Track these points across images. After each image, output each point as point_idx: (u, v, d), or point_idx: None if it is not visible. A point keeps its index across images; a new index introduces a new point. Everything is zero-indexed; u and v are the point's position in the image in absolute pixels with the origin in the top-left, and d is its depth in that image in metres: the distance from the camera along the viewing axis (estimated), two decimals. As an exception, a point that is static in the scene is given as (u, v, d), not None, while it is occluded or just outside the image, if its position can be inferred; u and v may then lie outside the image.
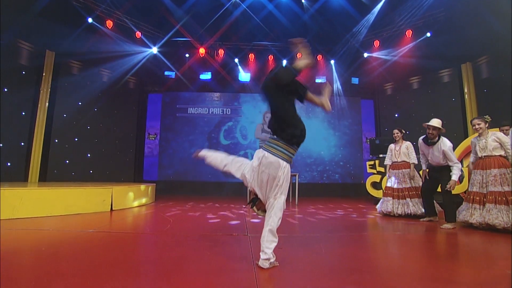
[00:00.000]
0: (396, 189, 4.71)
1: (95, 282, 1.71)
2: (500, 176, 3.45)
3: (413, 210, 4.43)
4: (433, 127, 3.86)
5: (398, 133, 4.86)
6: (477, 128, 3.64)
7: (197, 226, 3.63)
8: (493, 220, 3.31)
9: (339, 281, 1.81)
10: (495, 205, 3.39)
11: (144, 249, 2.65)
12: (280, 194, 1.94)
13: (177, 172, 9.22)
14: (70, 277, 1.81)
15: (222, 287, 1.68)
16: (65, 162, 7.34)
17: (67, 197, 4.29)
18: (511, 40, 6.21)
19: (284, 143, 1.98)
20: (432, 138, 3.88)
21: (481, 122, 3.64)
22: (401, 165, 4.77)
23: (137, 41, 8.40)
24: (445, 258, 2.44)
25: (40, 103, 6.76)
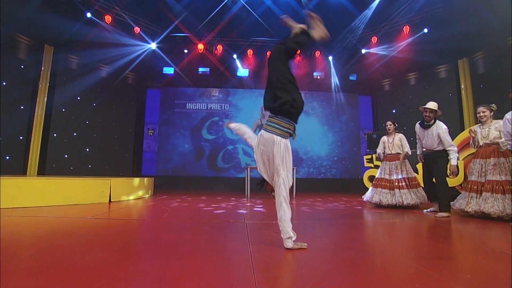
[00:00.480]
0: (389, 180, 4.77)
1: (91, 261, 1.75)
2: (498, 165, 3.49)
3: (399, 201, 4.48)
4: (430, 110, 3.93)
5: (391, 125, 4.93)
6: (481, 116, 3.66)
7: (194, 215, 3.67)
8: (488, 208, 3.35)
9: (331, 258, 1.86)
10: (491, 193, 3.42)
11: (142, 232, 2.69)
12: (281, 170, 1.88)
13: (176, 167, 9.25)
14: (69, 255, 1.85)
15: (218, 266, 1.72)
16: (64, 156, 7.36)
17: (66, 188, 4.32)
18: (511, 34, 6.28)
19: (278, 118, 1.95)
20: (428, 120, 3.95)
21: (486, 110, 3.66)
22: (394, 156, 4.83)
23: (135, 37, 8.41)
24: (435, 240, 2.48)
25: (39, 97, 6.77)
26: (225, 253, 1.87)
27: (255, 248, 1.95)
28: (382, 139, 5.10)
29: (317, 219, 3.54)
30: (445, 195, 3.80)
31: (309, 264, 1.68)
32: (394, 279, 1.49)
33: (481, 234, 2.73)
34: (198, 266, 1.60)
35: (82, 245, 2.05)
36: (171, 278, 1.43)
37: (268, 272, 1.55)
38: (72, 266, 1.58)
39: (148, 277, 1.48)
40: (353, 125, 9.83)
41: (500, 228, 2.88)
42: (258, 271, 1.52)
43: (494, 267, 1.70)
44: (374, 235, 2.80)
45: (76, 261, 1.67)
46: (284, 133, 1.94)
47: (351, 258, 1.83)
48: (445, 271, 1.61)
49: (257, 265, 1.63)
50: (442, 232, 2.83)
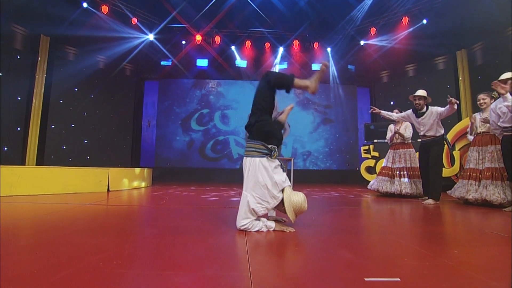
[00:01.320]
0: (391, 169, 4.80)
1: (90, 239, 1.79)
2: (496, 153, 3.50)
3: (397, 189, 4.52)
4: (419, 97, 3.97)
5: (398, 113, 4.90)
6: (482, 103, 3.67)
7: (192, 202, 3.71)
8: (490, 196, 3.34)
9: (324, 238, 1.90)
10: (492, 181, 3.43)
11: (139, 217, 2.73)
12: (244, 189, 1.96)
13: (175, 158, 9.28)
14: (67, 234, 1.89)
15: (211, 246, 1.76)
16: (62, 147, 7.36)
17: (64, 177, 4.35)
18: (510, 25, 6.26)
19: (247, 140, 2.05)
20: (420, 108, 3.99)
21: (487, 97, 3.66)
22: (399, 145, 4.85)
23: (133, 27, 8.33)
24: (428, 223, 2.53)
25: (36, 88, 6.74)
26: (218, 236, 1.91)
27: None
28: (389, 127, 5.10)
29: (313, 207, 3.59)
30: (437, 184, 3.83)
31: (302, 242, 1.73)
32: (385, 254, 1.54)
33: (477, 218, 2.78)
34: (191, 244, 1.65)
35: (80, 227, 2.09)
36: (167, 253, 1.47)
37: (259, 249, 1.59)
38: (69, 243, 1.62)
39: (146, 253, 1.52)
40: (351, 116, 9.85)
41: (500, 214, 2.93)
42: (251, 247, 1.56)
43: (484, 245, 1.75)
44: (369, 220, 2.85)
45: (73, 239, 1.71)
46: (251, 153, 1.98)
47: (344, 238, 1.88)
48: (434, 248, 1.66)
49: (250, 240, 1.67)
50: (437, 217, 2.88)
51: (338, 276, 1.18)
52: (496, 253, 1.57)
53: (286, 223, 2.08)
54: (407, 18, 8.21)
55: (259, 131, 1.99)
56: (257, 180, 1.91)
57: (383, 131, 5.81)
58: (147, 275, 1.17)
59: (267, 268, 1.30)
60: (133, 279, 1.12)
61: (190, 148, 9.39)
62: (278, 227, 1.93)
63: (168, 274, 1.17)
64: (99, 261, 1.31)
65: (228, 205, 3.35)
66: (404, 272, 1.23)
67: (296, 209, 1.89)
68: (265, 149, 1.96)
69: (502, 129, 3.30)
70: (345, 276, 1.19)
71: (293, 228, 1.94)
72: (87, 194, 4.22)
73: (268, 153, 1.97)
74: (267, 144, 1.97)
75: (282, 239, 1.77)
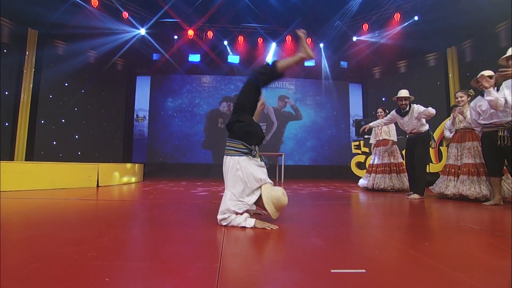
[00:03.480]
0: (376, 165, 4.90)
1: (69, 234, 1.80)
2: (473, 149, 3.63)
3: (389, 185, 4.61)
4: (404, 98, 4.07)
5: (382, 112, 5.00)
6: (459, 101, 3.77)
7: (179, 197, 3.73)
8: (466, 191, 3.50)
9: (301, 232, 1.94)
10: (468, 176, 3.57)
11: (123, 211, 2.74)
12: (226, 188, 1.96)
13: (166, 154, 9.26)
14: (56, 228, 1.90)
15: (187, 239, 1.79)
16: (53, 143, 7.30)
17: (52, 172, 4.33)
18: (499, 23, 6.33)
19: (227, 139, 2.05)
20: (404, 108, 4.07)
21: (464, 95, 3.78)
22: (381, 142, 4.95)
23: (124, 22, 8.22)
24: (405, 217, 2.59)
25: (24, 82, 6.64)
26: (198, 228, 1.94)
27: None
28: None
29: (300, 201, 3.64)
30: (422, 178, 3.93)
31: (278, 235, 1.76)
32: (358, 247, 1.58)
33: (454, 212, 2.85)
34: (168, 237, 1.67)
35: (62, 221, 2.10)
36: (141, 245, 1.49)
37: (235, 242, 1.62)
38: (47, 237, 1.63)
39: (121, 245, 1.54)
40: (343, 112, 9.91)
41: (476, 208, 3.01)
42: (228, 240, 1.59)
43: (454, 237, 1.81)
44: (350, 214, 2.90)
45: (53, 233, 1.72)
46: (231, 151, 1.98)
47: (320, 232, 1.92)
48: (407, 241, 1.71)
49: (228, 234, 1.70)
50: (417, 211, 2.94)
51: (305, 267, 1.22)
52: (464, 244, 1.63)
53: (265, 217, 2.11)
54: (399, 14, 8.24)
55: (239, 131, 1.99)
56: (237, 177, 1.91)
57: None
58: (116, 265, 1.19)
59: (238, 259, 1.33)
60: (102, 269, 1.14)
61: (183, 144, 9.37)
62: (260, 225, 1.88)
63: (138, 264, 1.20)
64: (74, 253, 1.34)
65: (214, 200, 3.37)
66: (372, 264, 1.27)
67: (275, 203, 1.92)
68: (245, 148, 1.97)
69: (482, 126, 3.39)
70: (312, 267, 1.22)
71: (275, 226, 1.90)
72: (75, 190, 4.21)
73: (248, 152, 1.97)
74: (247, 144, 1.97)
75: (259, 233, 1.80)
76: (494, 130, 3.24)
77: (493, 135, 3.24)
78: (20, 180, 4.01)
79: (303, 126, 9.75)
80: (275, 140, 9.62)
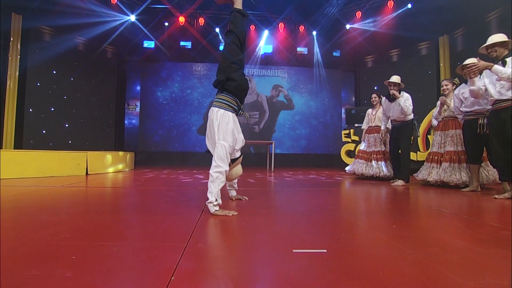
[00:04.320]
0: (368, 152, 4.94)
1: (47, 218, 1.82)
2: (456, 137, 3.71)
3: (376, 172, 4.68)
4: (394, 83, 4.12)
5: (376, 97, 4.98)
6: (445, 89, 3.82)
7: (166, 184, 3.76)
8: (447, 177, 3.60)
9: (275, 217, 1.99)
10: (450, 163, 3.67)
11: (105, 197, 2.77)
12: (216, 137, 1.91)
13: (158, 143, 9.25)
14: (27, 213, 1.92)
15: (161, 222, 1.82)
16: (42, 132, 7.23)
17: (40, 160, 4.32)
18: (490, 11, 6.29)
19: (219, 93, 2.07)
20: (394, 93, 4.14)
21: (449, 83, 3.83)
22: (374, 129, 4.95)
23: (113, 8, 8.02)
24: (383, 202, 2.67)
25: (10, 70, 6.50)
26: (174, 212, 1.98)
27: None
28: (367, 112, 5.18)
29: (291, 186, 3.70)
30: (406, 165, 4.04)
31: (252, 220, 1.81)
32: (326, 229, 1.64)
33: (433, 198, 2.93)
34: (143, 220, 1.71)
35: (43, 206, 2.13)
36: (114, 227, 1.53)
37: (208, 225, 1.67)
38: (24, 220, 1.66)
39: (95, 227, 1.58)
40: (336, 101, 9.93)
41: (453, 194, 3.10)
42: (200, 226, 1.64)
43: (422, 219, 1.88)
44: (329, 199, 2.97)
45: (30, 217, 1.75)
46: (224, 105, 1.99)
47: (292, 216, 1.97)
48: (376, 224, 1.77)
49: (202, 219, 1.74)
50: (396, 196, 3.02)
51: (269, 248, 1.27)
52: (429, 226, 1.70)
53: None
54: (392, 1, 8.15)
55: (234, 89, 2.03)
56: (229, 131, 1.92)
57: (363, 116, 5.90)
58: (87, 245, 1.23)
59: (206, 240, 1.38)
60: (73, 249, 1.18)
61: (174, 132, 9.35)
62: (221, 212, 1.85)
63: (107, 244, 1.24)
64: (48, 235, 1.37)
65: (199, 187, 3.42)
66: (335, 245, 1.32)
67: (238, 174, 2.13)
68: (236, 105, 2.03)
69: (464, 114, 3.44)
70: (276, 247, 1.27)
71: (235, 212, 1.90)
72: (64, 178, 4.22)
73: (237, 110, 2.05)
74: (239, 101, 2.07)
75: (232, 218, 1.85)
76: (474, 118, 3.31)
77: (473, 123, 3.31)
78: (7, 168, 4.00)
79: (295, 115, 9.76)
80: (266, 129, 9.63)
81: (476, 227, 1.67)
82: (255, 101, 9.64)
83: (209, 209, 1.87)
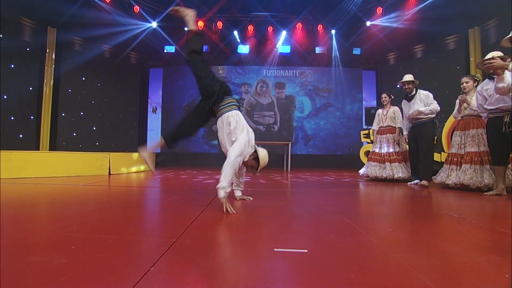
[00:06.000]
0: (381, 154, 4.78)
1: (62, 212, 2.00)
2: (477, 137, 3.47)
3: (390, 174, 4.50)
4: (407, 82, 4.02)
5: (386, 97, 4.85)
6: (465, 86, 3.61)
7: (181, 183, 3.91)
8: (467, 180, 3.37)
9: (271, 217, 2.01)
10: (470, 165, 3.44)
11: (119, 195, 2.95)
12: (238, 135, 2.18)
13: (179, 143, 9.56)
14: (44, 209, 2.12)
15: (164, 219, 1.92)
16: (73, 134, 7.82)
17: (67, 161, 4.69)
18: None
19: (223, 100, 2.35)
20: (409, 92, 4.05)
21: (470, 80, 3.61)
22: (386, 130, 4.80)
23: (136, 16, 8.46)
24: (391, 205, 2.57)
25: (46, 78, 7.12)
26: (180, 210, 2.07)
27: (212, 205, 2.14)
28: (377, 112, 5.05)
29: (300, 187, 3.69)
30: (426, 165, 3.88)
31: (248, 219, 1.85)
32: (314, 230, 1.64)
33: (442, 201, 2.78)
34: (147, 216, 1.82)
35: (61, 202, 2.33)
36: (118, 222, 1.64)
37: (200, 226, 1.74)
38: (40, 215, 1.84)
39: (100, 222, 1.71)
40: (356, 100, 9.65)
41: (473, 198, 2.91)
42: (195, 224, 1.71)
43: (424, 223, 1.80)
44: (332, 200, 2.92)
45: (47, 212, 1.93)
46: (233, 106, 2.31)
47: (286, 216, 1.98)
48: (372, 226, 1.73)
49: (200, 219, 1.81)
50: (403, 199, 2.90)
51: (252, 247, 1.31)
52: (427, 230, 1.63)
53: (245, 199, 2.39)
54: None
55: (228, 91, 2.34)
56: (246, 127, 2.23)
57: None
58: (87, 237, 1.35)
59: (196, 237, 1.44)
60: (75, 240, 1.30)
61: (196, 134, 9.63)
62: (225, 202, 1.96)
63: (104, 237, 1.35)
64: (58, 227, 1.53)
65: (209, 187, 3.51)
66: (318, 245, 1.33)
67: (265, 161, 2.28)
68: (237, 102, 2.35)
69: (488, 112, 3.21)
70: (259, 246, 1.31)
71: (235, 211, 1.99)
72: (88, 177, 4.54)
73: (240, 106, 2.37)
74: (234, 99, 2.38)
75: (226, 217, 1.90)
76: (500, 115, 3.07)
77: (498, 121, 3.07)
78: (39, 168, 4.40)
79: (314, 115, 9.63)
80: (287, 129, 9.60)
81: (480, 232, 1.58)
82: (270, 102, 9.68)
83: (218, 193, 1.95)
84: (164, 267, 1.03)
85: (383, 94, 4.91)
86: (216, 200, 2.45)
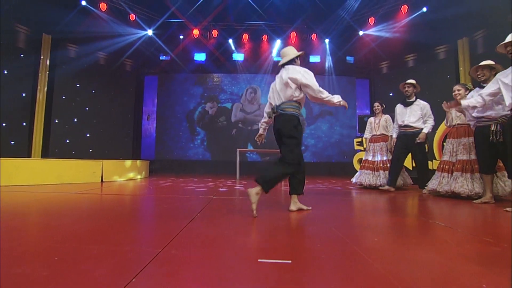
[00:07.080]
0: (374, 162, 4.82)
1: (50, 221, 1.98)
2: (469, 145, 3.51)
3: (384, 182, 4.53)
4: (409, 84, 4.07)
5: (379, 106, 4.92)
6: (456, 94, 3.65)
7: (171, 191, 3.89)
8: (458, 188, 3.41)
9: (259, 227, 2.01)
10: (462, 173, 3.48)
11: (109, 204, 2.93)
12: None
13: (173, 151, 9.56)
14: (33, 217, 2.09)
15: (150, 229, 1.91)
16: (66, 141, 7.76)
17: (59, 168, 4.65)
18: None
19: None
20: (408, 95, 4.09)
21: (461, 88, 3.64)
22: (379, 138, 4.85)
23: (131, 24, 8.53)
24: (381, 214, 2.59)
25: (40, 85, 7.09)
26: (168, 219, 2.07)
27: (202, 214, 2.13)
28: (369, 120, 5.11)
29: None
30: (423, 173, 4.05)
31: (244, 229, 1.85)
32: (301, 241, 1.64)
33: (431, 209, 2.81)
34: (139, 226, 1.81)
35: (57, 211, 2.30)
36: (107, 232, 1.63)
37: (186, 236, 1.74)
38: (29, 224, 1.82)
39: (88, 232, 1.69)
40: (350, 109, 9.75)
41: (463, 206, 2.95)
42: (182, 234, 1.71)
43: (410, 234, 1.82)
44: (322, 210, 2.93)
45: (35, 221, 1.91)
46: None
47: (272, 226, 1.98)
48: (358, 236, 1.75)
49: (187, 229, 1.81)
50: (393, 207, 2.92)
51: (236, 257, 1.31)
52: (413, 240, 1.65)
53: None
54: (406, 6, 7.98)
55: None
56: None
57: (377, 124, 5.81)
58: (71, 247, 1.34)
59: (182, 247, 1.44)
60: (58, 251, 1.29)
61: (189, 141, 9.63)
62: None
63: (89, 247, 1.34)
64: (44, 237, 1.52)
65: (201, 195, 3.51)
66: (303, 256, 1.34)
67: None
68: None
69: (476, 120, 3.28)
70: (244, 256, 1.31)
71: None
72: (80, 185, 4.50)
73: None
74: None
75: (220, 225, 1.90)
76: (487, 124, 3.14)
77: (485, 129, 3.13)
78: (30, 175, 4.35)
79: (309, 123, 9.70)
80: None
81: (465, 242, 1.60)
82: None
83: (336, 98, 2.66)
84: (145, 279, 1.03)
85: (376, 102, 4.98)
86: (205, 211, 2.45)
